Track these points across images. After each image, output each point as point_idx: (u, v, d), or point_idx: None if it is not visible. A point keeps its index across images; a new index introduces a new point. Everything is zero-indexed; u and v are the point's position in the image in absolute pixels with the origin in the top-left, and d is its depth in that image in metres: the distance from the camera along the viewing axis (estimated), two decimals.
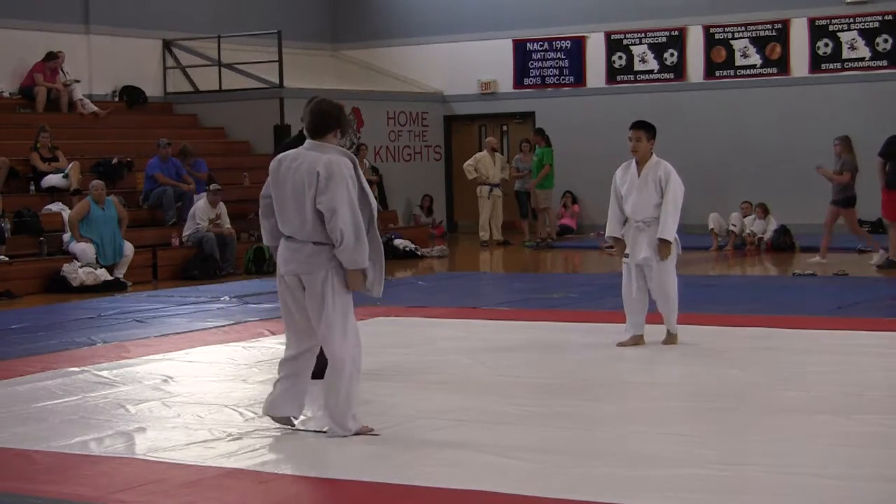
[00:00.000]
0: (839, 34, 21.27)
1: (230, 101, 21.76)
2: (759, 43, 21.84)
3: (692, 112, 21.75)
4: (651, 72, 22.70)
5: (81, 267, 15.34)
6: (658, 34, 22.60)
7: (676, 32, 22.48)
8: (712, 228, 19.16)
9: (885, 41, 20.97)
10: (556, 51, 23.45)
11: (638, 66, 22.80)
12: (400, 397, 7.84)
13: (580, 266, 18.52)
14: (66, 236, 16.05)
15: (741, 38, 21.98)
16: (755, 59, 21.89)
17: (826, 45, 21.35)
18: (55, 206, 16.88)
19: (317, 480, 5.99)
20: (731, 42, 22.06)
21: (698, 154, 20.69)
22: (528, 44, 23.64)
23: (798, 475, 5.78)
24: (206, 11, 22.87)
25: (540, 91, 23.56)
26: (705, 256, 18.00)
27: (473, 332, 10.75)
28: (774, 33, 21.75)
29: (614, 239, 9.83)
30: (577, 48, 23.27)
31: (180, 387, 8.48)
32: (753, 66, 21.91)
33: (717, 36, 22.15)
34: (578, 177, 22.56)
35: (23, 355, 10.01)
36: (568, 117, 22.82)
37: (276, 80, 21.32)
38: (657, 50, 22.63)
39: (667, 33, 22.55)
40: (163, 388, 8.41)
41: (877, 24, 21.05)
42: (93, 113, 20.31)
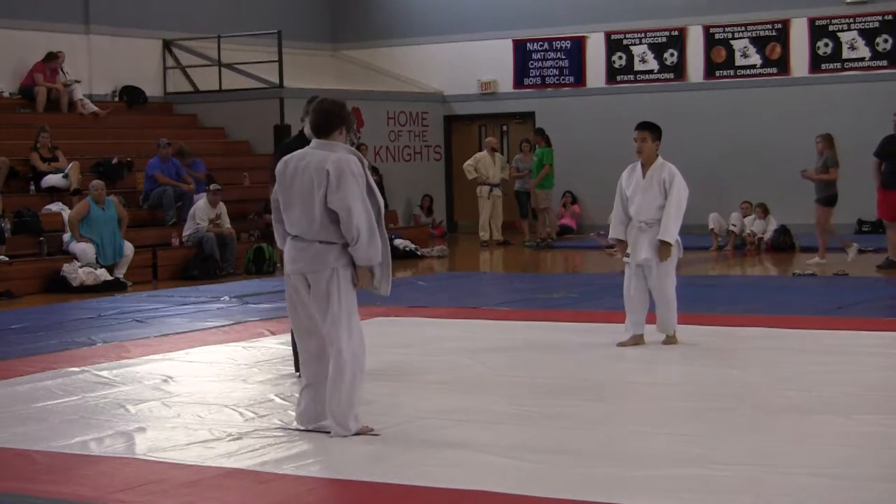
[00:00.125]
0: (839, 34, 21.27)
1: (230, 101, 21.76)
2: (759, 43, 21.84)
3: (692, 112, 21.74)
4: (651, 72, 22.70)
5: (81, 267, 15.34)
6: (658, 34, 22.60)
7: (676, 32, 22.48)
8: (712, 228, 19.16)
9: (885, 41, 20.97)
10: (556, 51, 23.45)
11: (638, 66, 22.80)
12: (400, 397, 7.84)
13: (580, 266, 18.52)
14: (66, 236, 16.05)
15: (741, 38, 21.97)
16: (755, 59, 21.88)
17: (826, 45, 21.35)
18: (55, 206, 16.88)
19: (317, 480, 5.99)
20: (731, 42, 22.05)
21: (698, 154, 20.67)
22: (528, 44, 23.64)
23: (798, 475, 5.78)
24: (206, 11, 22.86)
25: (540, 91, 23.56)
26: (705, 256, 17.99)
27: (473, 332, 10.75)
28: (774, 33, 21.75)
29: (617, 240, 9.87)
30: (577, 48, 23.27)
31: (180, 387, 8.48)
32: (753, 66, 21.91)
33: (717, 36, 22.15)
34: (578, 177, 22.57)
35: (23, 355, 10.01)
36: (568, 117, 22.81)
37: (276, 80, 21.32)
38: (657, 50, 22.62)
39: (667, 33, 22.55)
40: (163, 388, 8.41)
41: (877, 24, 21.05)
42: (93, 113, 20.30)
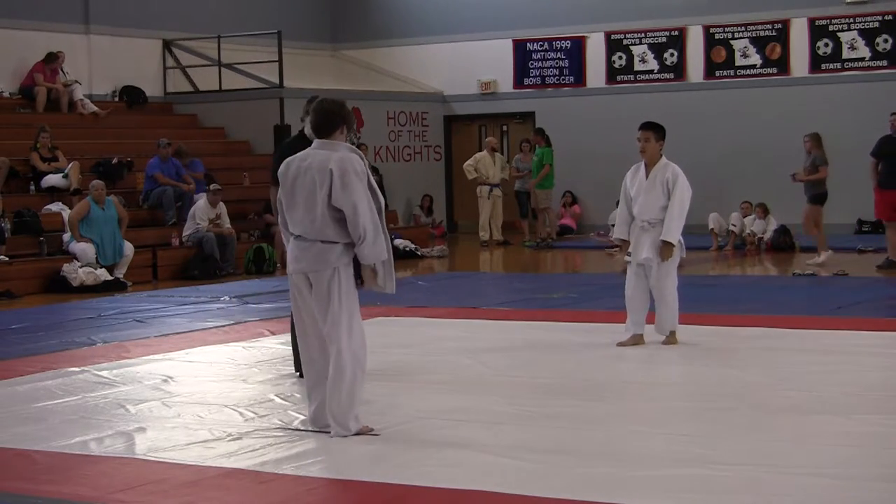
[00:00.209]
0: (839, 34, 21.27)
1: (230, 101, 21.76)
2: (759, 43, 21.84)
3: (692, 112, 21.73)
4: (651, 72, 22.70)
5: (81, 267, 15.34)
6: (658, 34, 22.60)
7: (676, 32, 22.48)
8: (712, 228, 19.16)
9: (885, 41, 20.97)
10: (556, 51, 23.45)
11: (638, 66, 22.80)
12: (400, 397, 7.83)
13: (580, 266, 18.51)
14: (66, 236, 16.05)
15: (741, 38, 21.97)
16: (755, 59, 21.88)
17: (826, 45, 21.35)
18: (55, 206, 16.88)
19: (317, 480, 5.99)
20: (731, 42, 22.05)
21: (698, 154, 20.64)
22: (528, 44, 23.63)
23: (798, 475, 5.78)
24: (206, 11, 22.86)
25: (540, 91, 23.56)
26: (705, 256, 17.99)
27: (473, 332, 10.74)
28: (774, 33, 21.74)
29: (621, 240, 9.90)
30: (577, 48, 23.27)
31: (180, 387, 8.48)
32: (753, 66, 21.91)
33: (717, 36, 22.15)
34: (578, 177, 22.57)
35: (23, 355, 10.00)
36: (568, 117, 22.82)
37: (276, 80, 21.32)
38: (657, 50, 22.62)
39: (667, 33, 22.55)
40: (163, 388, 8.40)
41: (877, 24, 21.05)
42: (93, 113, 20.30)
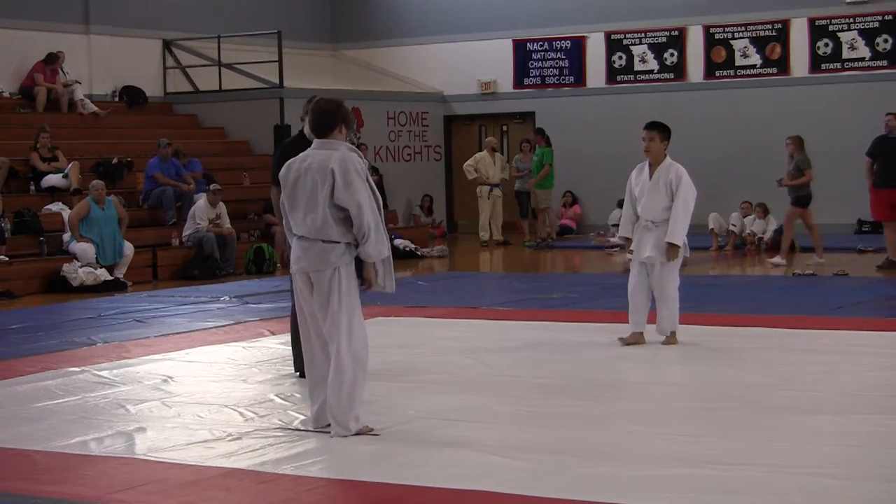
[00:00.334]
0: (839, 34, 21.26)
1: (230, 101, 21.76)
2: (759, 43, 21.83)
3: (692, 112, 21.70)
4: (651, 72, 22.70)
5: (81, 267, 15.33)
6: (658, 34, 22.59)
7: (676, 32, 22.48)
8: (712, 228, 19.15)
9: (885, 41, 20.96)
10: (556, 51, 23.45)
11: (638, 66, 22.80)
12: (400, 397, 7.83)
13: (580, 266, 18.51)
14: (66, 236, 16.05)
15: (741, 38, 21.97)
16: (755, 59, 21.88)
17: (826, 45, 21.34)
18: (55, 206, 16.88)
19: (317, 480, 5.98)
20: (731, 42, 22.05)
21: (698, 154, 20.58)
22: (528, 44, 23.63)
23: (798, 475, 5.78)
24: (206, 11, 22.86)
25: (540, 91, 23.55)
26: (705, 256, 17.98)
27: (473, 332, 10.74)
28: (774, 33, 21.74)
29: (625, 239, 9.91)
30: (577, 48, 23.26)
31: (180, 387, 8.47)
32: (753, 66, 21.90)
33: (717, 36, 22.14)
34: (578, 177, 22.56)
35: (23, 355, 10.00)
36: (568, 117, 22.81)
37: (276, 80, 21.32)
38: (657, 50, 22.62)
39: (667, 33, 22.54)
40: (163, 388, 8.40)
41: (877, 24, 21.05)
42: (93, 113, 20.30)
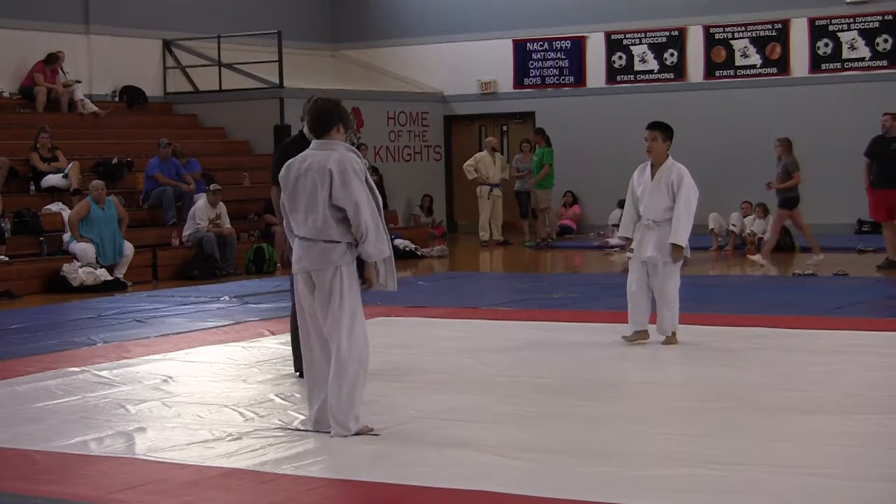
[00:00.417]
0: (839, 34, 21.27)
1: (230, 101, 21.76)
2: (759, 43, 21.83)
3: (692, 112, 21.69)
4: (651, 72, 22.70)
5: (81, 267, 15.33)
6: (658, 34, 22.60)
7: (676, 32, 22.48)
8: (712, 228, 19.15)
9: (885, 41, 20.97)
10: (556, 51, 23.45)
11: (638, 66, 22.80)
12: (400, 397, 7.83)
13: (580, 266, 18.51)
14: (66, 236, 16.05)
15: (741, 38, 21.97)
16: (755, 59, 21.88)
17: (826, 45, 21.34)
18: (55, 206, 16.88)
19: (317, 480, 5.98)
20: (731, 42, 22.05)
21: (698, 154, 20.51)
22: (528, 44, 23.63)
23: (798, 475, 5.78)
24: (206, 11, 22.86)
25: (540, 91, 23.55)
26: (705, 256, 17.98)
27: (473, 332, 10.75)
28: (774, 33, 21.74)
29: (626, 239, 9.91)
30: (577, 48, 23.27)
31: (180, 387, 8.48)
32: (753, 66, 21.90)
33: (717, 36, 22.14)
34: (578, 177, 22.56)
35: (23, 355, 10.00)
36: (568, 117, 22.81)
37: (276, 80, 21.32)
38: (657, 50, 22.62)
39: (667, 33, 22.54)
40: (163, 388, 8.40)
41: (877, 24, 21.05)
42: (93, 113, 20.30)
